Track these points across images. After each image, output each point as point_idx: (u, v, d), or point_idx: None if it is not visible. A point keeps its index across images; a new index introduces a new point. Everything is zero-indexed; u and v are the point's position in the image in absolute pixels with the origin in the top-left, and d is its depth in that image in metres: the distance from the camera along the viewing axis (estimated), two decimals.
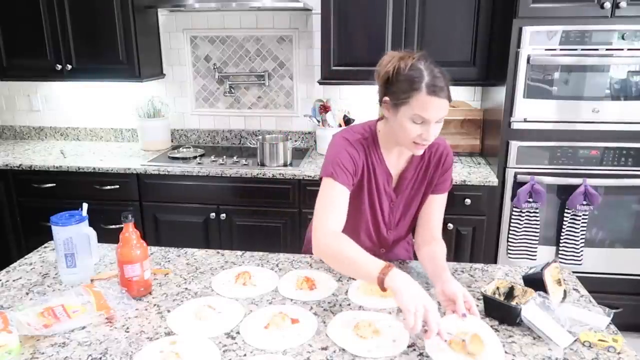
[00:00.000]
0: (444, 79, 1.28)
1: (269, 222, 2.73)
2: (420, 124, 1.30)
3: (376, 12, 2.63)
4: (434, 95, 1.26)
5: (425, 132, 1.30)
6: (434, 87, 1.26)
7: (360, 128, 1.48)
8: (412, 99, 1.27)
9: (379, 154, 1.46)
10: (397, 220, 1.56)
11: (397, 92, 1.30)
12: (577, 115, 2.42)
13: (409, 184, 1.50)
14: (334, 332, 1.21)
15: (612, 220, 2.56)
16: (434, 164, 1.49)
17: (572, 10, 2.31)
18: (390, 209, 1.53)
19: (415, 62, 1.30)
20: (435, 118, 1.29)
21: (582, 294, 1.43)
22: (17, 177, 2.85)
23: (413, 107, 1.28)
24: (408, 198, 1.53)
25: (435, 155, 1.49)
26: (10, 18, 2.90)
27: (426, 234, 1.52)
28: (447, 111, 1.30)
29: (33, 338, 1.19)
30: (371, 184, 1.48)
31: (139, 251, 1.36)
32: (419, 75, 1.27)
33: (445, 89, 1.28)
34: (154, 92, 3.25)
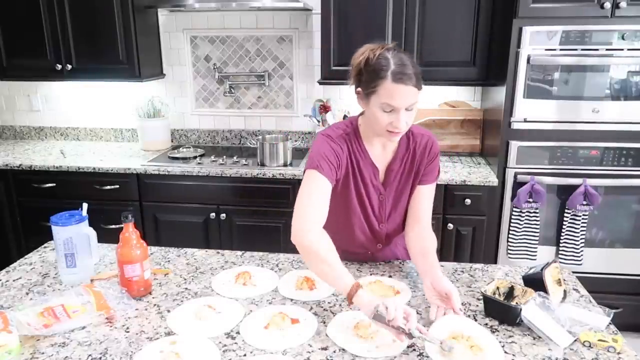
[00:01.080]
0: (412, 67, 1.30)
1: (269, 222, 2.73)
2: (390, 112, 1.32)
3: (376, 12, 2.63)
4: (400, 83, 1.28)
5: (396, 120, 1.32)
6: (399, 75, 1.28)
7: (342, 124, 1.51)
8: (379, 87, 1.30)
9: (362, 148, 1.48)
10: (387, 213, 1.56)
11: (366, 81, 1.34)
12: (577, 115, 2.42)
13: (396, 176, 1.52)
14: (334, 332, 1.21)
15: (612, 220, 2.56)
16: (420, 154, 1.50)
17: (572, 10, 2.31)
18: (380, 202, 1.54)
19: (384, 52, 1.33)
20: (403, 105, 1.30)
21: (582, 294, 1.43)
22: (17, 177, 2.85)
23: (381, 95, 1.31)
24: (397, 190, 1.54)
25: (420, 145, 1.50)
26: (10, 18, 2.90)
27: (415, 225, 1.52)
28: (417, 99, 1.32)
29: (33, 338, 1.19)
30: (357, 178, 1.49)
31: (139, 251, 1.36)
32: (386, 64, 1.30)
33: (413, 76, 1.29)
34: (154, 92, 3.25)
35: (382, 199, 1.53)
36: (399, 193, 1.54)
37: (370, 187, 1.51)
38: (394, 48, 1.35)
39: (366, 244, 1.59)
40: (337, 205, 1.49)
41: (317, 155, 1.41)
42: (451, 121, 2.99)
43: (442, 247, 2.64)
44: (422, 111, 3.00)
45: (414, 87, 1.30)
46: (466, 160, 2.90)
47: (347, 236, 1.56)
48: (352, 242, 1.58)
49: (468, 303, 1.36)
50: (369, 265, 1.60)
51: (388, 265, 1.60)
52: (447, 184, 2.54)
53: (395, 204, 1.55)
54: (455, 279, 1.51)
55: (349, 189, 1.49)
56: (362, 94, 1.37)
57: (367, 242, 1.59)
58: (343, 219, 1.54)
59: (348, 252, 1.57)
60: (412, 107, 1.32)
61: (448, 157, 2.95)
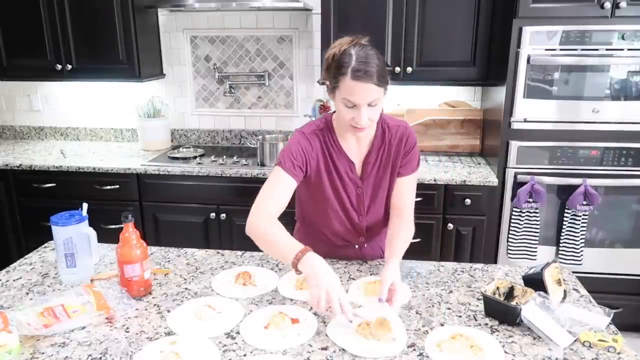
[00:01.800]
0: (374, 65, 1.31)
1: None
2: (352, 107, 1.34)
3: (376, 12, 2.63)
4: (357, 80, 1.29)
5: (357, 116, 1.34)
6: (357, 72, 1.29)
7: (318, 120, 1.54)
8: (340, 83, 1.33)
9: (336, 142, 1.50)
10: (367, 206, 1.57)
11: (331, 76, 1.37)
12: (577, 115, 2.42)
13: (372, 169, 1.53)
14: (334, 332, 1.21)
15: (612, 220, 2.55)
16: (396, 145, 1.51)
17: (572, 10, 2.31)
18: (358, 196, 1.55)
19: (349, 47, 1.34)
20: (362, 102, 1.32)
21: (582, 294, 1.43)
22: (17, 177, 2.85)
23: (342, 91, 1.33)
24: (375, 183, 1.55)
25: (396, 137, 1.51)
26: (10, 18, 2.90)
27: (397, 218, 1.53)
28: (379, 95, 1.33)
29: (33, 338, 1.19)
30: (331, 173, 1.51)
31: (139, 251, 1.36)
32: (348, 60, 1.31)
33: (374, 74, 1.30)
34: (154, 92, 3.25)
35: (359, 192, 1.55)
36: (377, 186, 1.55)
37: (346, 180, 1.53)
38: (362, 44, 1.36)
39: (347, 236, 1.61)
40: (315, 198, 1.55)
41: (284, 153, 1.46)
42: (451, 121, 2.99)
43: (442, 247, 2.64)
44: (422, 111, 3.00)
45: (375, 84, 1.30)
46: (466, 160, 2.90)
47: (327, 229, 1.60)
48: (334, 234, 1.61)
49: (468, 303, 1.36)
50: (369, 265, 1.60)
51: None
52: (447, 184, 2.54)
53: (374, 197, 1.57)
54: (455, 278, 1.51)
55: (324, 183, 1.52)
56: (329, 88, 1.40)
57: (348, 235, 1.61)
58: (322, 212, 1.57)
59: (335, 247, 1.61)
60: (374, 103, 1.34)
61: (448, 157, 2.95)
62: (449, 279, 1.50)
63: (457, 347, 1.14)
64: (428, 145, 3.01)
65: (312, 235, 1.64)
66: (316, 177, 1.51)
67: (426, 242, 2.62)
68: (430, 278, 1.51)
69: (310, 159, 1.48)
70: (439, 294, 1.42)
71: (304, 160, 1.47)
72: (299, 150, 1.46)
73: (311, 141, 1.48)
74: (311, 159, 1.48)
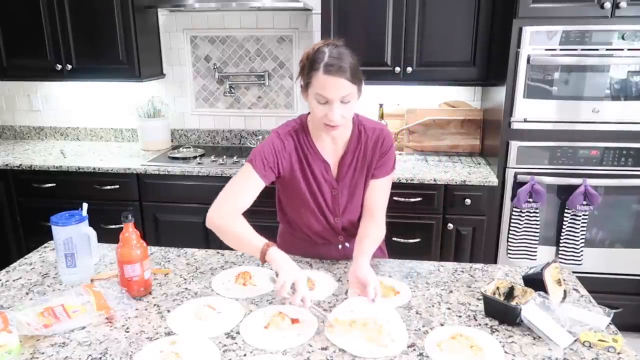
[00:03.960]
0: (347, 61, 1.33)
1: (268, 222, 2.71)
2: (324, 104, 1.35)
3: (376, 12, 2.63)
4: (329, 74, 1.31)
5: (330, 112, 1.34)
6: (330, 67, 1.31)
7: (293, 121, 1.55)
8: (313, 78, 1.34)
9: (311, 143, 1.51)
10: (342, 207, 1.57)
11: (304, 74, 1.39)
12: (577, 115, 2.42)
13: (348, 170, 1.53)
14: (333, 332, 1.21)
15: (612, 220, 2.55)
16: (371, 148, 1.51)
17: (572, 10, 2.31)
18: (333, 197, 1.55)
19: (323, 46, 1.37)
20: (334, 97, 1.33)
21: (582, 294, 1.43)
22: (17, 177, 2.85)
23: (314, 86, 1.35)
24: (351, 184, 1.55)
25: (372, 139, 1.51)
26: (10, 18, 2.90)
27: (368, 219, 1.52)
28: (351, 91, 1.34)
29: (33, 338, 1.19)
30: (306, 173, 1.52)
31: (139, 251, 1.36)
32: (321, 56, 1.34)
33: (347, 70, 1.32)
34: (154, 92, 3.25)
35: (335, 193, 1.55)
36: (353, 187, 1.55)
37: (322, 181, 1.53)
38: (335, 44, 1.38)
39: (326, 235, 1.62)
40: (291, 199, 1.58)
41: (256, 151, 1.48)
42: (451, 121, 2.99)
43: (442, 247, 2.64)
44: (422, 111, 3.00)
45: (347, 80, 1.32)
46: (466, 160, 2.90)
47: (306, 228, 1.61)
48: (313, 233, 1.62)
49: (468, 303, 1.36)
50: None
51: (388, 265, 1.60)
52: (447, 184, 2.54)
53: (349, 198, 1.57)
54: (455, 278, 1.51)
55: (299, 184, 1.53)
56: (303, 87, 1.41)
57: (326, 234, 1.62)
58: (299, 212, 1.59)
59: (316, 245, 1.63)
60: (347, 99, 1.35)
61: (448, 157, 2.95)
62: (449, 279, 1.50)
63: (457, 347, 1.14)
64: (428, 145, 3.01)
65: (294, 235, 1.67)
66: (291, 178, 1.52)
67: (426, 242, 2.62)
68: (430, 278, 1.51)
69: (283, 160, 1.49)
70: (439, 294, 1.42)
71: (276, 161, 1.48)
72: (272, 151, 1.47)
73: (285, 142, 1.49)
74: (284, 161, 1.49)
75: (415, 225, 2.60)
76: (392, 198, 2.55)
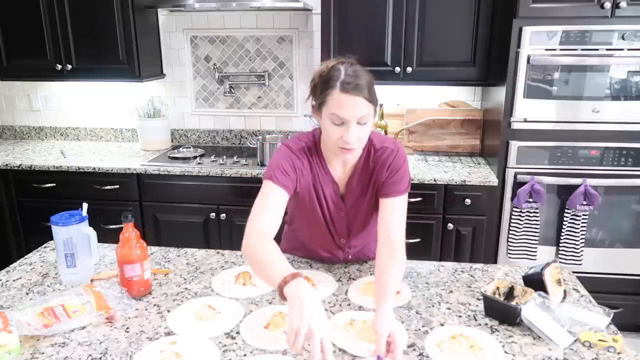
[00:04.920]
0: (364, 79, 1.27)
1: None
2: (340, 125, 1.28)
3: (376, 12, 2.63)
4: (346, 93, 1.24)
5: (346, 134, 1.27)
6: (347, 85, 1.24)
7: (304, 136, 1.48)
8: (328, 97, 1.27)
9: (323, 163, 1.45)
10: (349, 229, 1.54)
11: (318, 93, 1.31)
12: (577, 115, 2.42)
13: (355, 193, 1.48)
14: (333, 332, 1.21)
15: (612, 220, 2.55)
16: (379, 168, 1.43)
17: (572, 10, 2.31)
18: (340, 218, 1.51)
19: (338, 64, 1.30)
20: (351, 117, 1.26)
21: (582, 294, 1.43)
22: (17, 177, 2.85)
23: (330, 106, 1.28)
24: (357, 207, 1.50)
25: (380, 159, 1.43)
26: (10, 18, 2.90)
27: (386, 244, 1.35)
28: (368, 112, 1.28)
29: (33, 338, 1.19)
30: (319, 193, 1.47)
31: (139, 251, 1.36)
32: (337, 75, 1.27)
33: (363, 88, 1.25)
34: (154, 92, 3.25)
35: (342, 215, 1.51)
36: (357, 209, 1.50)
37: (330, 203, 1.49)
38: (350, 62, 1.32)
39: (331, 250, 1.58)
40: (300, 213, 1.53)
41: (274, 165, 1.39)
42: (451, 121, 2.99)
43: (442, 247, 2.64)
44: (422, 111, 3.00)
45: (364, 98, 1.26)
46: (466, 160, 2.90)
47: (312, 240, 1.59)
48: (318, 246, 1.59)
49: (468, 303, 1.36)
50: (369, 265, 1.60)
51: None
52: (447, 184, 2.54)
53: (356, 220, 1.52)
54: (455, 278, 1.51)
55: (312, 202, 1.48)
56: (316, 107, 1.34)
57: (332, 249, 1.58)
58: (306, 226, 1.57)
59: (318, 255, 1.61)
60: (364, 120, 1.28)
61: (448, 157, 2.95)
62: (449, 279, 1.50)
63: (457, 347, 1.14)
64: (428, 145, 3.01)
65: (298, 241, 1.65)
66: (304, 195, 1.47)
67: (426, 242, 2.62)
68: (430, 278, 1.51)
69: (301, 176, 1.43)
70: (439, 294, 1.42)
71: (296, 176, 1.41)
72: (291, 166, 1.40)
73: (301, 159, 1.42)
74: (302, 177, 1.43)
75: (415, 225, 2.60)
76: None
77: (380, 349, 1.07)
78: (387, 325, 1.10)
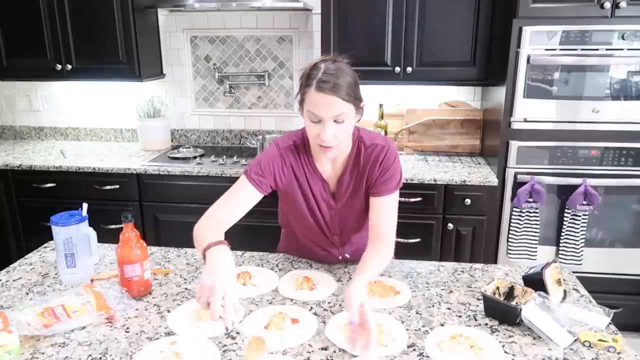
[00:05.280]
0: (342, 78, 1.26)
1: (269, 222, 2.71)
2: (317, 122, 1.29)
3: (376, 12, 2.63)
4: (321, 91, 1.25)
5: (323, 132, 1.28)
6: (322, 84, 1.25)
7: (294, 134, 1.48)
8: (306, 95, 1.29)
9: (311, 161, 1.46)
10: (341, 227, 1.54)
11: (299, 91, 1.33)
12: (577, 115, 2.42)
13: (346, 191, 1.47)
14: (334, 332, 1.21)
15: (612, 220, 2.55)
16: (370, 166, 1.43)
17: (572, 10, 2.31)
18: (332, 216, 1.51)
19: (320, 62, 1.31)
20: (326, 116, 1.27)
21: (582, 294, 1.43)
22: (17, 177, 2.85)
23: (307, 104, 1.29)
24: (348, 205, 1.49)
25: (371, 157, 1.43)
26: (10, 18, 2.89)
27: (374, 238, 1.40)
28: (344, 110, 1.27)
29: (33, 338, 1.19)
30: (305, 191, 1.47)
31: (139, 251, 1.36)
32: (315, 73, 1.28)
33: (340, 87, 1.25)
34: (154, 92, 3.25)
35: (333, 213, 1.51)
36: (350, 207, 1.50)
37: (320, 201, 1.49)
38: (335, 60, 1.32)
39: (326, 247, 1.59)
40: (292, 212, 1.54)
41: (255, 162, 1.44)
42: (451, 121, 2.99)
43: (442, 247, 2.64)
44: (422, 111, 3.00)
45: (341, 98, 1.25)
46: (466, 160, 2.90)
47: (306, 239, 1.59)
48: (313, 244, 1.59)
49: (468, 303, 1.36)
50: None
51: (388, 265, 1.59)
52: (447, 184, 2.54)
53: (348, 218, 1.52)
54: (455, 278, 1.51)
55: (298, 200, 1.48)
56: (299, 104, 1.36)
57: (327, 246, 1.59)
58: (299, 225, 1.57)
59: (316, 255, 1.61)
60: (340, 119, 1.28)
61: (448, 157, 2.95)
62: (449, 279, 1.50)
63: (457, 347, 1.14)
64: (428, 145, 3.02)
65: (295, 242, 1.65)
66: (290, 193, 1.48)
67: (426, 242, 2.62)
68: (430, 278, 1.51)
69: (282, 174, 1.44)
70: (439, 294, 1.42)
71: (273, 174, 1.43)
72: (269, 164, 1.42)
73: (284, 157, 1.44)
74: (282, 175, 1.44)
75: (415, 225, 2.60)
76: None
77: (353, 314, 1.11)
78: (359, 294, 1.15)
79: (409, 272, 1.55)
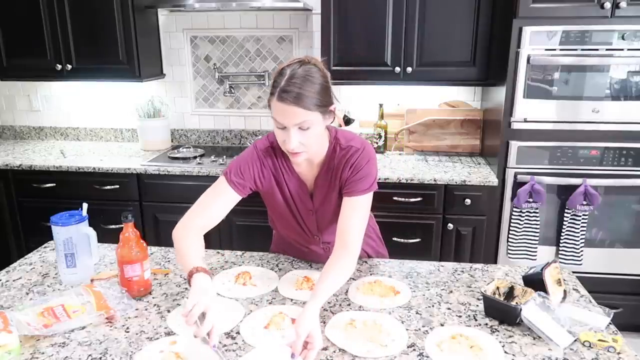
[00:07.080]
0: (307, 87, 1.24)
1: (268, 222, 2.72)
2: (282, 129, 1.28)
3: (376, 12, 2.63)
4: (281, 101, 1.23)
5: (287, 139, 1.27)
6: (283, 94, 1.23)
7: (273, 135, 1.46)
8: (270, 102, 1.28)
9: (288, 162, 1.45)
10: (320, 227, 1.54)
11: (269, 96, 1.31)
12: (577, 115, 2.42)
13: (322, 190, 1.47)
14: (333, 332, 1.21)
15: (612, 220, 2.55)
16: (342, 168, 1.41)
17: (572, 10, 2.31)
18: (310, 216, 1.52)
19: (287, 67, 1.27)
20: (288, 124, 1.25)
21: (582, 294, 1.43)
22: (17, 177, 2.85)
23: (272, 110, 1.28)
24: (326, 206, 1.49)
25: (345, 158, 1.41)
26: (10, 18, 2.90)
27: (339, 238, 1.37)
28: (306, 118, 1.25)
29: (33, 338, 1.19)
30: (284, 193, 1.48)
31: (139, 251, 1.36)
32: (279, 81, 1.25)
33: (302, 97, 1.22)
34: (154, 92, 3.25)
35: (311, 213, 1.52)
36: (325, 207, 1.50)
37: (299, 201, 1.49)
38: (304, 62, 1.28)
39: (310, 246, 1.60)
40: (275, 212, 1.55)
41: (234, 164, 1.45)
42: (451, 121, 2.99)
43: (442, 247, 2.64)
44: (422, 111, 3.00)
45: (302, 108, 1.23)
46: (466, 160, 2.90)
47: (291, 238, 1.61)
48: (298, 243, 1.61)
49: (468, 303, 1.36)
50: (369, 265, 1.60)
51: (388, 265, 1.60)
52: (447, 184, 2.54)
53: (326, 219, 1.52)
54: (455, 278, 1.51)
55: (278, 202, 1.49)
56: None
57: (310, 245, 1.60)
58: (282, 224, 1.58)
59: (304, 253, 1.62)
60: (305, 126, 1.26)
61: (448, 157, 2.95)
62: (449, 279, 1.50)
63: (457, 347, 1.14)
64: (428, 145, 3.02)
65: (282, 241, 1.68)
66: (271, 195, 1.48)
67: (426, 242, 2.62)
68: (430, 278, 1.51)
69: (262, 177, 1.44)
70: (439, 294, 1.42)
71: (253, 177, 1.43)
72: (248, 167, 1.42)
73: (263, 159, 1.44)
74: (262, 178, 1.45)
75: (415, 225, 2.60)
76: (392, 198, 2.57)
77: (296, 348, 1.08)
78: (307, 326, 1.11)
79: (409, 272, 1.55)
